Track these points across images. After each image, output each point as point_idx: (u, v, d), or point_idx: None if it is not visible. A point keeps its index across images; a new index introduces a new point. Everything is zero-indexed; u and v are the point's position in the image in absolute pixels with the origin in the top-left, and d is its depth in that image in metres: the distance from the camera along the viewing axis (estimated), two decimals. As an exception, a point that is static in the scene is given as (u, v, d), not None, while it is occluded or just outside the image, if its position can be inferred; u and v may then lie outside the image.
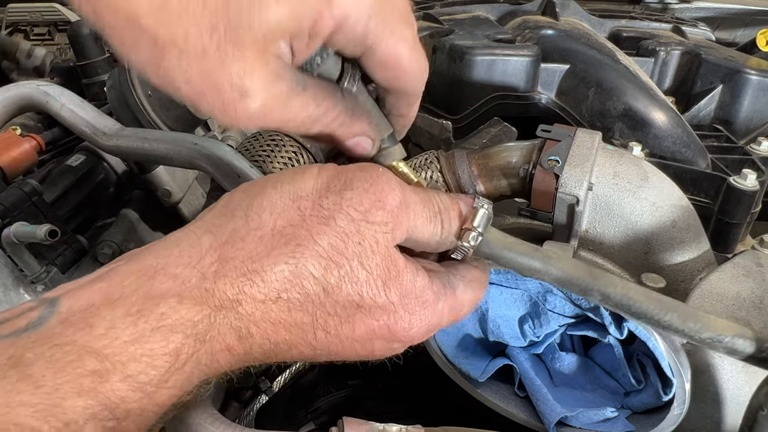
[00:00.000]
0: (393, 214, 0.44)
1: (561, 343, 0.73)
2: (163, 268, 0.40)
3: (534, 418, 0.70)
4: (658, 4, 1.53)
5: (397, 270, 0.44)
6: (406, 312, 0.45)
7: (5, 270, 0.83)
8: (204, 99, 0.39)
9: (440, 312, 0.47)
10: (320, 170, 0.45)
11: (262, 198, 0.43)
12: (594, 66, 0.98)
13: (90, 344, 0.35)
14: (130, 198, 1.07)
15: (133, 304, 0.37)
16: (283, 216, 0.42)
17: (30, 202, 0.85)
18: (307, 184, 0.44)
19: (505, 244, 0.48)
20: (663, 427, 0.63)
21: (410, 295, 0.45)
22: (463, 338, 0.73)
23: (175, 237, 0.43)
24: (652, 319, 0.48)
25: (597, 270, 0.48)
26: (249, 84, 0.38)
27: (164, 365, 0.37)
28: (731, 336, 0.47)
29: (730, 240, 0.82)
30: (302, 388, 0.88)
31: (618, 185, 0.68)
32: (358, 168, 0.45)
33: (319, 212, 0.43)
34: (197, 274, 0.40)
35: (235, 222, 0.42)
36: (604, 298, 0.48)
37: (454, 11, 1.22)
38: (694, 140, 0.90)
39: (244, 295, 0.40)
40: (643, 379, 0.67)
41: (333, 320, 0.43)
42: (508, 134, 0.88)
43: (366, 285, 0.43)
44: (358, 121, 0.47)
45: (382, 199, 0.44)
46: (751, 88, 1.05)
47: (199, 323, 0.39)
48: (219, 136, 1.19)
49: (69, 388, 0.34)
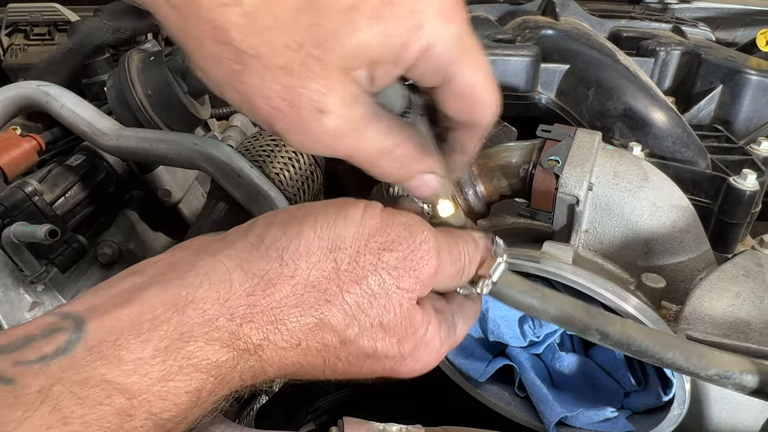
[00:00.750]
0: (423, 283, 0.44)
1: (561, 343, 0.73)
2: (193, 301, 0.39)
3: (534, 418, 0.70)
4: (658, 4, 1.53)
5: (414, 328, 0.45)
6: (413, 359, 0.47)
7: (5, 270, 0.83)
8: (281, 115, 0.37)
9: (441, 355, 0.49)
10: (364, 216, 0.44)
11: (300, 241, 0.42)
12: (594, 66, 0.98)
13: (118, 380, 0.35)
14: (130, 198, 1.07)
15: (161, 338, 0.37)
16: (318, 267, 0.42)
17: (30, 202, 0.85)
18: (348, 233, 0.43)
19: (505, 281, 0.49)
20: (663, 427, 0.63)
21: (420, 345, 0.46)
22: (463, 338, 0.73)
23: (203, 264, 0.41)
24: (653, 357, 0.47)
25: (594, 309, 0.49)
26: (328, 102, 0.36)
27: (186, 403, 0.38)
28: (739, 372, 0.46)
29: (730, 240, 0.82)
30: (302, 388, 0.88)
31: (618, 185, 0.68)
32: (404, 227, 0.44)
33: (354, 269, 0.42)
34: (226, 313, 0.39)
35: (269, 264, 0.42)
36: (603, 337, 0.48)
37: (454, 11, 1.22)
38: (694, 140, 0.90)
39: (267, 342, 0.41)
40: (643, 380, 0.68)
41: (342, 364, 0.44)
42: (508, 134, 0.88)
43: (382, 341, 0.44)
44: (429, 157, 0.44)
45: (417, 269, 0.44)
46: (751, 88, 1.05)
47: (223, 365, 0.39)
48: (219, 136, 1.19)
49: (97, 426, 0.34)
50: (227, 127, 1.24)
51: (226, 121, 1.29)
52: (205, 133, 1.23)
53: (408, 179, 0.44)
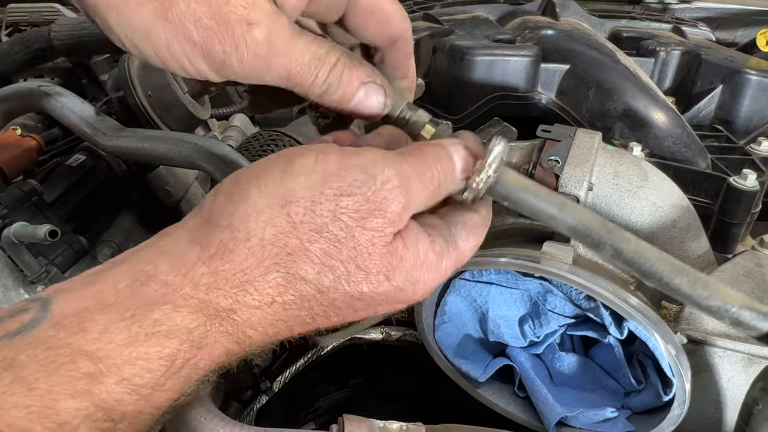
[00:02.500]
0: (393, 220, 0.43)
1: (561, 344, 0.73)
2: (155, 274, 0.39)
3: (534, 418, 0.70)
4: (658, 4, 1.53)
5: (399, 258, 0.43)
6: (410, 284, 0.45)
7: (5, 270, 0.83)
8: (215, 37, 0.42)
9: (444, 270, 0.47)
10: (316, 163, 0.43)
11: (246, 205, 0.42)
12: (594, 66, 0.98)
13: (83, 347, 0.35)
14: (130, 198, 1.07)
15: (126, 308, 0.37)
16: (271, 224, 0.41)
17: (30, 203, 0.85)
18: (298, 184, 0.42)
19: (521, 185, 0.46)
20: (663, 427, 0.63)
21: (414, 268, 0.44)
22: (463, 338, 0.73)
23: (163, 244, 0.42)
24: (661, 280, 0.47)
25: (612, 224, 0.47)
26: (254, 15, 0.42)
27: (160, 369, 0.37)
28: (738, 307, 0.46)
29: (730, 240, 0.82)
30: (302, 388, 0.88)
31: (618, 185, 0.68)
32: (360, 169, 0.43)
33: (311, 219, 0.41)
34: (189, 283, 0.39)
35: (221, 233, 0.41)
36: (616, 254, 0.47)
37: (454, 11, 1.22)
38: (694, 140, 0.90)
39: (238, 305, 0.40)
40: (643, 380, 0.67)
41: (332, 311, 0.43)
42: (508, 134, 0.88)
43: (366, 282, 0.43)
44: (363, 65, 0.47)
45: (382, 208, 0.42)
46: (751, 88, 1.05)
47: (194, 330, 0.39)
48: (219, 137, 1.19)
49: (62, 389, 0.34)
50: (227, 127, 1.24)
51: (226, 121, 1.30)
52: (205, 133, 1.23)
53: (350, 92, 0.47)
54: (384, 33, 0.51)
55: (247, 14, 0.42)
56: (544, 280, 0.67)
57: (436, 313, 0.72)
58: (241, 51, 0.44)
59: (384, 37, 0.51)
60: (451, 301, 0.71)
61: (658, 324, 0.59)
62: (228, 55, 0.44)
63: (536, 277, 0.67)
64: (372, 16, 0.50)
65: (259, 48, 0.44)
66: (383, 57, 0.53)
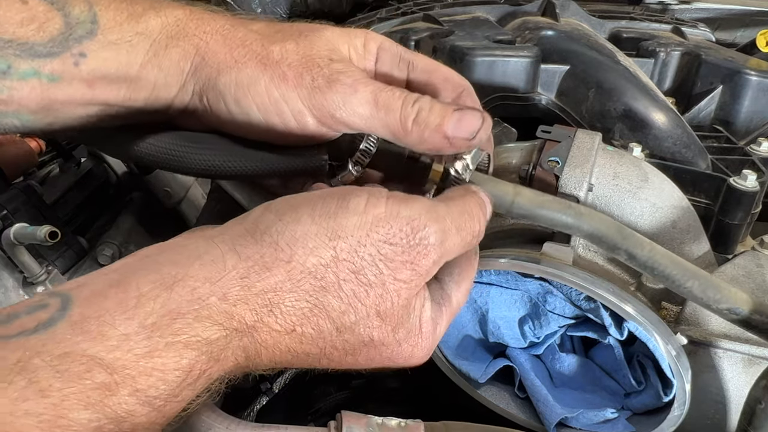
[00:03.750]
0: (422, 274, 0.45)
1: (561, 344, 0.73)
2: (182, 279, 0.39)
3: (534, 419, 0.70)
4: (657, 5, 1.53)
5: (408, 314, 0.45)
6: (409, 345, 0.47)
7: (5, 271, 0.83)
8: (303, 70, 0.52)
9: (439, 334, 0.49)
10: (367, 206, 0.44)
11: (296, 228, 0.42)
12: (594, 67, 0.98)
13: (100, 355, 0.35)
14: (130, 199, 1.07)
15: (147, 315, 0.37)
16: (315, 254, 0.42)
17: (30, 204, 0.85)
18: (350, 222, 0.43)
19: (538, 203, 0.49)
20: (663, 428, 0.63)
21: (414, 330, 0.46)
22: (463, 339, 0.73)
23: (196, 247, 0.41)
24: (673, 283, 0.49)
25: (628, 230, 0.50)
26: (333, 55, 0.54)
27: (176, 380, 0.37)
28: (749, 310, 0.48)
29: (731, 241, 0.81)
30: (302, 390, 0.88)
31: (618, 186, 0.68)
32: (406, 221, 0.44)
33: (353, 259, 0.42)
34: (218, 292, 0.39)
35: (263, 248, 0.41)
36: (630, 258, 0.49)
37: (454, 12, 1.22)
38: (694, 141, 0.90)
39: (261, 324, 0.40)
40: (643, 380, 0.67)
41: (339, 353, 0.44)
42: (508, 135, 0.88)
43: (378, 330, 0.44)
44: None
45: (415, 263, 0.44)
46: (751, 88, 1.05)
47: (214, 343, 0.39)
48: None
49: (75, 399, 0.33)
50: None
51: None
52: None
53: (447, 114, 0.50)
54: (447, 88, 0.57)
55: (329, 54, 0.52)
56: (544, 281, 0.67)
57: (436, 314, 0.72)
58: (326, 75, 0.50)
59: (448, 90, 0.57)
60: (451, 302, 0.71)
61: (658, 325, 0.59)
62: (315, 81, 0.50)
63: (536, 277, 0.67)
64: (432, 74, 0.57)
65: (342, 76, 0.50)
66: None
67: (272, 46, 0.53)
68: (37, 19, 0.49)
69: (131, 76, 0.53)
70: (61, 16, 0.50)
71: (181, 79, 0.55)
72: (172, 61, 0.54)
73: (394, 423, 0.53)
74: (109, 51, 0.52)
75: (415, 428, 0.54)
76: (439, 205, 0.47)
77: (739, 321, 0.49)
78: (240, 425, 0.54)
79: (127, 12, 0.53)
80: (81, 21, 0.51)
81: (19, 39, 0.48)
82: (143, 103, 0.56)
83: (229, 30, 0.55)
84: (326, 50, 0.53)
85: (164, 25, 0.54)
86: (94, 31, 0.51)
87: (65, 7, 0.50)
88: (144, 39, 0.53)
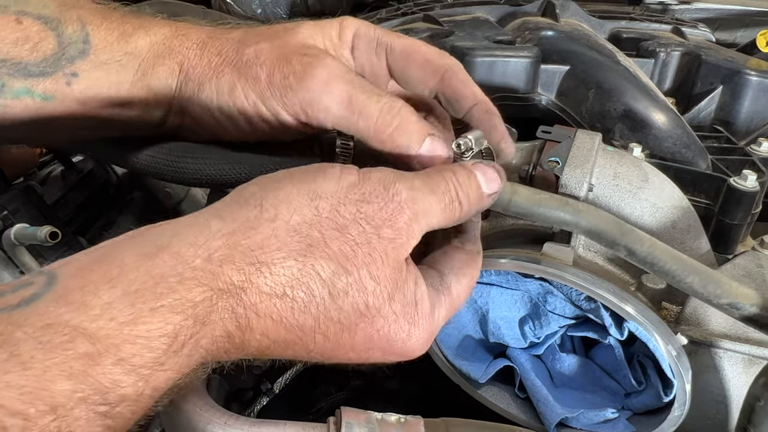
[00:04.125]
0: (402, 231, 0.44)
1: (561, 344, 0.73)
2: (167, 246, 0.39)
3: (534, 419, 0.70)
4: (657, 5, 1.53)
5: (403, 280, 0.45)
6: (406, 322, 0.45)
7: (6, 272, 0.83)
8: (275, 68, 0.52)
9: (437, 319, 0.48)
10: (342, 173, 0.45)
11: (279, 191, 0.43)
12: (594, 67, 0.98)
13: (83, 325, 0.34)
14: (131, 199, 1.07)
15: (131, 282, 0.36)
16: (299, 212, 0.42)
17: (31, 204, 0.85)
18: (328, 185, 0.44)
19: (535, 201, 0.49)
20: (664, 428, 0.63)
21: (411, 304, 0.45)
22: (463, 339, 0.74)
23: (182, 220, 0.42)
24: (673, 278, 0.49)
25: (627, 226, 0.50)
26: (307, 50, 0.54)
27: (161, 347, 0.36)
28: (749, 305, 0.48)
29: (731, 241, 0.82)
30: (303, 390, 0.88)
31: (618, 186, 0.68)
32: (379, 182, 0.45)
33: (335, 217, 0.43)
34: (203, 254, 0.39)
35: (249, 211, 0.42)
36: (630, 254, 0.49)
37: (455, 13, 1.22)
38: (694, 141, 0.90)
39: (250, 284, 0.40)
40: (643, 380, 0.67)
41: (335, 326, 0.43)
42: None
43: (372, 295, 0.43)
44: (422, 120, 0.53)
45: (392, 219, 0.44)
46: (751, 89, 1.05)
47: (199, 304, 0.38)
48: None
49: (58, 370, 0.32)
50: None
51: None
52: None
53: (418, 140, 0.50)
54: (428, 71, 0.56)
55: (301, 50, 0.52)
56: (544, 281, 0.67)
57: (437, 314, 0.72)
58: (297, 71, 0.50)
59: (429, 74, 0.56)
60: (451, 302, 0.71)
61: (658, 325, 0.59)
62: (286, 79, 0.50)
63: (536, 278, 0.67)
64: (409, 57, 0.56)
65: (316, 70, 0.50)
66: (443, 95, 0.57)
67: (246, 49, 0.54)
68: (31, 39, 0.51)
69: (121, 95, 0.55)
70: (55, 36, 0.52)
71: (170, 96, 0.57)
72: (160, 80, 0.56)
73: (394, 419, 0.53)
74: (100, 71, 0.54)
75: (414, 424, 0.54)
76: (408, 172, 0.48)
77: (741, 316, 0.49)
78: (238, 420, 0.54)
79: (117, 32, 0.55)
80: (73, 41, 0.53)
81: (13, 59, 0.50)
82: (137, 120, 0.57)
83: (206, 42, 0.56)
84: (300, 46, 0.54)
85: (152, 44, 0.56)
86: (86, 51, 0.53)
87: (59, 27, 0.52)
88: (133, 59, 0.55)
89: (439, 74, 0.56)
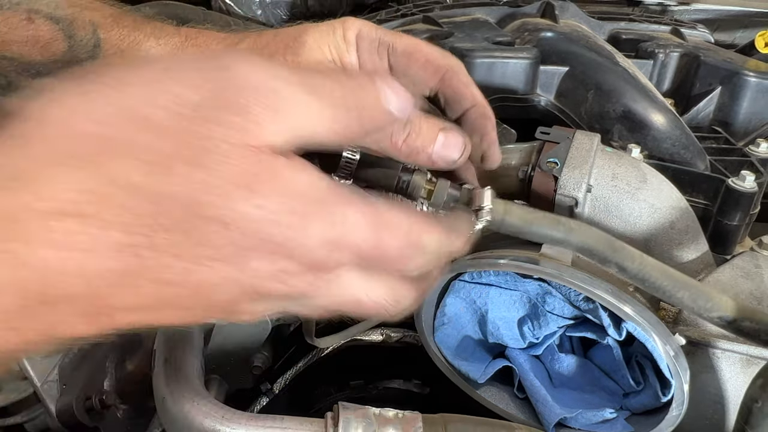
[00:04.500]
0: (257, 122, 0.31)
1: (560, 345, 0.74)
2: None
3: (533, 419, 0.70)
4: (656, 6, 1.53)
5: (273, 171, 0.31)
6: (293, 215, 0.31)
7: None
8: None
9: (346, 218, 0.33)
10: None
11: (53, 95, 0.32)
12: (593, 68, 0.98)
13: None
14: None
15: None
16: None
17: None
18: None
19: (527, 220, 0.49)
20: (662, 428, 0.63)
21: (293, 193, 0.32)
22: (462, 340, 0.74)
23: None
24: (664, 294, 0.51)
25: (618, 243, 0.51)
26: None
27: None
28: (741, 318, 0.49)
29: (729, 242, 0.82)
30: (302, 390, 0.88)
31: (617, 187, 0.69)
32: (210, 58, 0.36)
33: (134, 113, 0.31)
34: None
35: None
36: (621, 270, 0.50)
37: (454, 14, 1.22)
38: (692, 142, 0.90)
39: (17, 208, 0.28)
40: (642, 381, 0.68)
41: (176, 236, 0.30)
42: (507, 136, 0.88)
43: (225, 197, 0.30)
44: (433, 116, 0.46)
45: (240, 105, 0.31)
46: (749, 90, 1.05)
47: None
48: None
49: None
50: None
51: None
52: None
53: (431, 137, 0.42)
54: (429, 70, 0.55)
55: (315, 68, 0.49)
56: (543, 282, 0.68)
57: (436, 315, 0.72)
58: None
59: (430, 73, 0.55)
60: (450, 303, 0.71)
61: (656, 325, 0.59)
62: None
63: (535, 278, 0.67)
64: (411, 57, 0.55)
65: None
66: (442, 95, 0.56)
67: None
68: (42, 39, 0.50)
69: None
70: (65, 37, 0.51)
71: None
72: None
73: (391, 414, 0.54)
74: None
75: (412, 419, 0.54)
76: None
77: (729, 327, 0.51)
78: (236, 415, 0.54)
79: (128, 39, 0.54)
80: (84, 44, 0.52)
81: (22, 57, 0.49)
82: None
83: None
84: (312, 62, 0.54)
85: (162, 54, 0.55)
86: (97, 55, 0.52)
87: (70, 29, 0.51)
88: None
89: (440, 74, 0.56)
